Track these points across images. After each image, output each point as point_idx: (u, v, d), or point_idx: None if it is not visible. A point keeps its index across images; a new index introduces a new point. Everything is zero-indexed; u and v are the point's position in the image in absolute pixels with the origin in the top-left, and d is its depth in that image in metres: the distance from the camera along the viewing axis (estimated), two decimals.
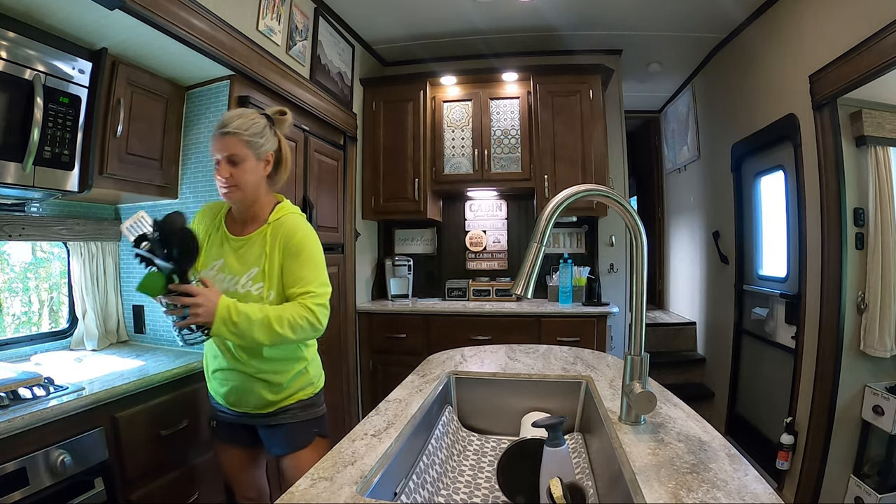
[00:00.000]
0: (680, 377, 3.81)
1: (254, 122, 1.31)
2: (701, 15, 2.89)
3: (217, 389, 1.40)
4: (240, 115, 1.32)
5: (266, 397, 1.35)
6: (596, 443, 1.07)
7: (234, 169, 1.29)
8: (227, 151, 1.29)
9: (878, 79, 1.91)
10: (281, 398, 1.37)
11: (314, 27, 2.59)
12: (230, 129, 1.28)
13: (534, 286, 0.90)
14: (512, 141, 3.15)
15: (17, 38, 1.36)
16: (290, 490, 0.72)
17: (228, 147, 1.29)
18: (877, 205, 2.13)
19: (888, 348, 2.09)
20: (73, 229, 1.88)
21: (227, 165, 1.29)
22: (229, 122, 1.29)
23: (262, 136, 1.32)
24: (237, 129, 1.28)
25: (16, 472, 1.14)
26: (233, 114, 1.33)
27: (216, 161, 1.31)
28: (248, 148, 1.30)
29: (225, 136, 1.28)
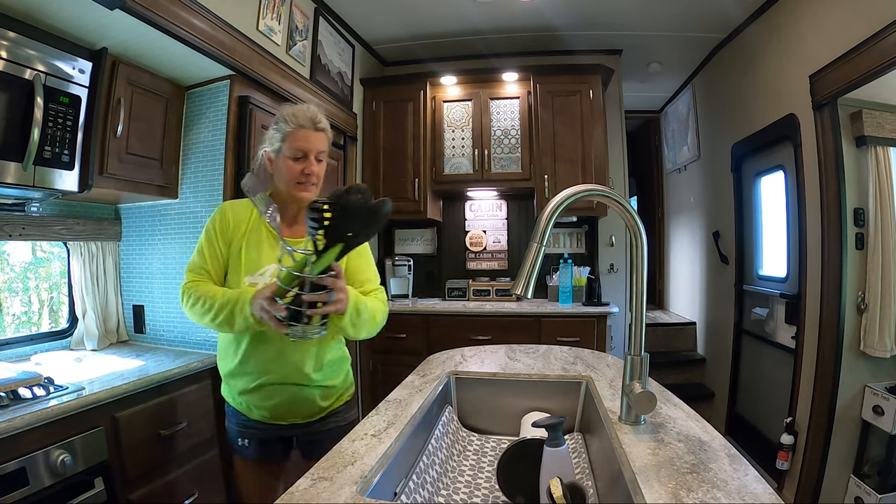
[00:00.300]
0: (680, 377, 3.81)
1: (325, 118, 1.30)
2: (701, 15, 2.89)
3: (260, 404, 1.28)
4: (319, 110, 1.29)
5: (320, 404, 1.30)
6: (596, 443, 1.07)
7: (318, 166, 1.27)
8: (320, 147, 1.26)
9: (878, 79, 1.91)
10: (331, 402, 1.33)
11: (314, 27, 2.59)
12: (323, 126, 1.26)
13: (534, 286, 0.90)
14: (512, 141, 3.15)
15: (18, 37, 1.36)
16: (290, 490, 0.72)
17: (321, 143, 1.26)
18: (877, 205, 2.13)
19: (888, 348, 2.09)
20: (73, 229, 1.88)
21: (314, 163, 1.26)
22: (320, 118, 1.27)
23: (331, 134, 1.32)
24: (326, 127, 1.27)
25: (16, 472, 1.14)
26: (313, 108, 1.28)
27: (300, 156, 1.24)
28: (328, 146, 1.30)
29: (320, 131, 1.26)
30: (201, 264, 1.29)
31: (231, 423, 1.35)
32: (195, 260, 1.31)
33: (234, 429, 1.34)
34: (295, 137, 1.23)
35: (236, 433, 1.34)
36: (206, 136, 1.98)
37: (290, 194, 1.27)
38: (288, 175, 1.25)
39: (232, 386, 1.31)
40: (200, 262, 1.30)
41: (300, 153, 1.24)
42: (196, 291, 1.24)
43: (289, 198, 1.29)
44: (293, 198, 1.28)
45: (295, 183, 1.25)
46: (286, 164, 1.25)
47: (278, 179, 1.29)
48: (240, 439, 1.33)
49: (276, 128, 1.26)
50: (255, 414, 1.29)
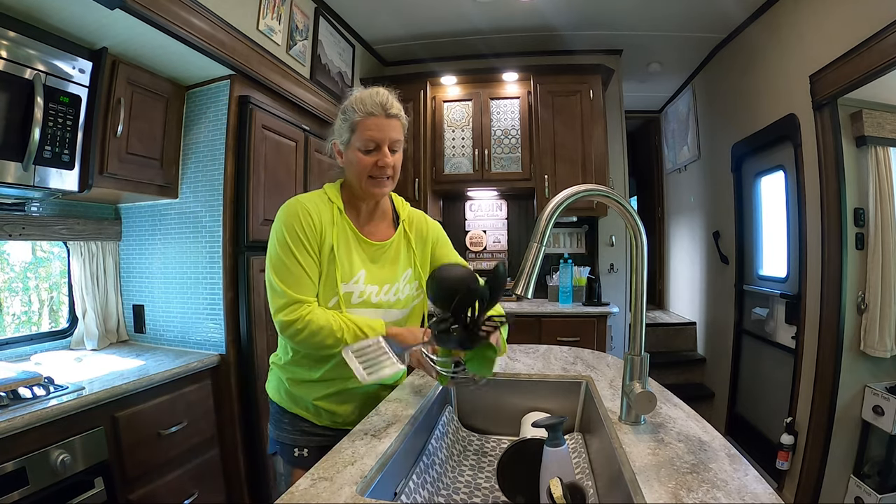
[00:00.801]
0: (680, 377, 3.81)
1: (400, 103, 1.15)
2: (701, 15, 2.89)
3: (332, 408, 1.18)
4: (390, 93, 1.13)
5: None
6: (596, 443, 1.07)
7: (393, 157, 1.14)
8: (394, 136, 1.12)
9: (878, 79, 1.91)
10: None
11: (314, 27, 2.59)
12: (396, 112, 1.12)
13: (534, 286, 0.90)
14: (512, 141, 3.15)
15: (18, 37, 1.36)
16: (290, 490, 0.72)
17: (394, 131, 1.12)
18: (877, 205, 2.13)
19: (888, 348, 2.09)
20: (73, 229, 1.88)
21: (388, 153, 1.12)
22: (391, 103, 1.12)
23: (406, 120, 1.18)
24: (399, 113, 1.13)
25: (16, 472, 1.14)
26: (383, 92, 1.13)
27: (372, 147, 1.11)
28: (403, 134, 1.15)
29: (392, 118, 1.12)
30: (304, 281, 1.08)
31: (285, 431, 1.20)
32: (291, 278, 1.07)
33: (291, 437, 1.20)
34: (364, 126, 1.10)
35: (293, 442, 1.19)
36: (206, 136, 1.98)
37: (364, 189, 1.14)
38: (359, 168, 1.12)
39: (304, 394, 1.18)
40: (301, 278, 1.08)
41: (371, 144, 1.11)
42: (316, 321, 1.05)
43: (362, 193, 1.16)
44: (367, 193, 1.15)
45: (367, 177, 1.12)
46: (357, 156, 1.12)
47: (350, 173, 1.16)
48: (297, 449, 1.19)
49: (344, 117, 1.14)
50: (323, 419, 1.19)
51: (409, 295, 1.22)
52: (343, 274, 1.12)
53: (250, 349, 1.94)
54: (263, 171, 2.05)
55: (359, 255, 1.15)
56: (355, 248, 1.15)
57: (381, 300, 1.16)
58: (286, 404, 1.21)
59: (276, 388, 1.23)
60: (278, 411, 1.22)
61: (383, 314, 1.17)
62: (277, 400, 1.23)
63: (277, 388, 1.23)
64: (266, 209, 2.05)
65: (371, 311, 1.15)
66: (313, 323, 1.04)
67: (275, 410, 1.24)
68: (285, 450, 1.20)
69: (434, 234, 1.29)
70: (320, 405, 1.17)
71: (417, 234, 1.25)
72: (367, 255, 1.17)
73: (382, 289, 1.16)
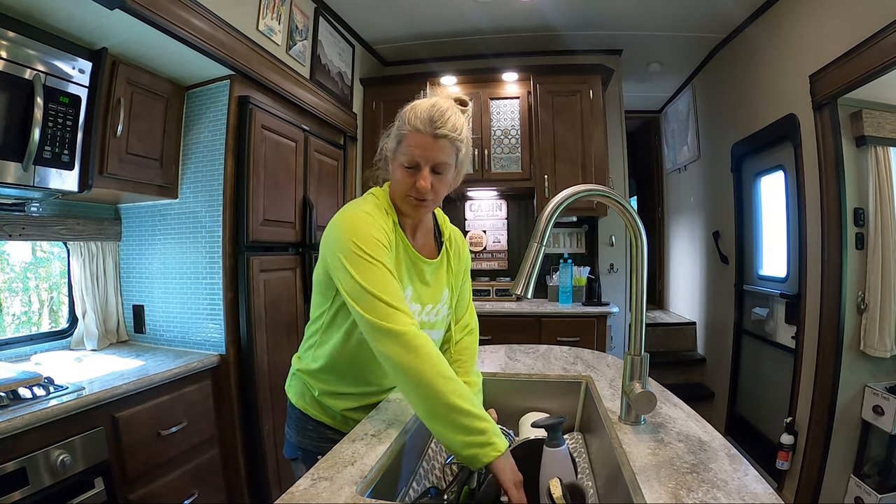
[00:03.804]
0: (680, 377, 3.81)
1: (462, 123, 1.03)
2: (701, 15, 2.89)
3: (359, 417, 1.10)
4: (448, 109, 1.02)
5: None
6: (596, 443, 1.07)
7: (436, 180, 1.02)
8: (437, 158, 1.00)
9: (878, 79, 1.91)
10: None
11: (314, 27, 2.59)
12: (446, 132, 0.99)
13: (534, 286, 0.90)
14: (512, 141, 3.14)
15: (17, 37, 1.36)
16: (290, 490, 0.72)
17: (441, 153, 1.00)
18: (877, 205, 2.13)
19: (888, 348, 2.09)
20: (73, 229, 1.88)
21: (432, 175, 1.01)
22: (444, 120, 1.00)
23: (465, 143, 1.05)
24: (452, 133, 1.00)
25: (16, 472, 1.14)
26: (441, 105, 1.01)
27: (413, 165, 1.00)
28: (455, 157, 1.03)
29: (440, 139, 0.99)
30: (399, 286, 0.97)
31: (309, 438, 1.15)
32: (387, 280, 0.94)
33: (315, 445, 1.14)
34: (409, 142, 1.00)
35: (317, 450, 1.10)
36: (206, 136, 1.98)
37: (400, 207, 1.07)
38: (398, 185, 1.04)
39: (334, 404, 1.13)
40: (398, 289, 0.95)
41: (412, 162, 1.00)
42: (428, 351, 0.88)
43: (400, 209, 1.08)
44: (403, 212, 1.07)
45: (404, 195, 1.03)
46: (399, 171, 1.03)
47: (392, 185, 1.09)
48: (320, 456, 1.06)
49: (398, 123, 1.05)
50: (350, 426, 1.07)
51: (444, 317, 1.17)
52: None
53: (250, 349, 1.93)
54: (263, 172, 2.05)
55: (408, 272, 1.08)
56: (406, 264, 1.07)
57: (423, 321, 1.10)
58: (311, 411, 1.15)
59: (301, 393, 1.16)
60: (301, 417, 1.16)
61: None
62: (301, 406, 1.16)
63: (302, 395, 1.16)
64: (266, 209, 2.05)
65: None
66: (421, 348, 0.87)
67: (297, 416, 1.17)
68: (308, 456, 1.12)
69: (466, 261, 1.25)
70: (350, 416, 1.12)
71: (456, 256, 1.20)
72: (416, 272, 1.09)
73: (425, 308, 1.11)
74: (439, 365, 0.87)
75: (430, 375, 0.85)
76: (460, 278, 1.23)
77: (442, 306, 1.15)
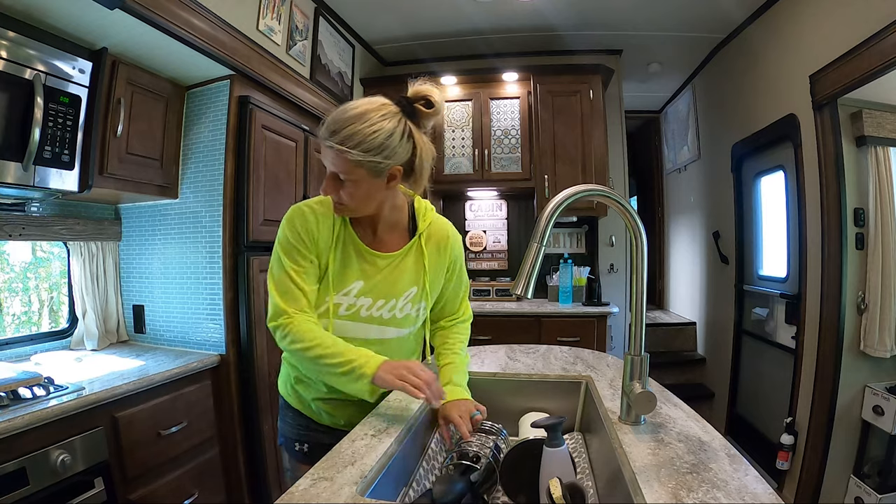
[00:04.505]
0: (680, 377, 3.81)
1: (374, 132, 0.93)
2: (701, 15, 2.89)
3: (333, 412, 1.15)
4: (356, 117, 0.94)
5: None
6: (596, 443, 1.07)
7: (342, 187, 0.98)
8: (331, 167, 0.97)
9: (878, 79, 1.91)
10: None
11: (314, 27, 2.59)
12: (331, 143, 0.94)
13: (534, 286, 0.90)
14: (512, 141, 3.15)
15: (17, 37, 1.36)
16: (290, 490, 0.72)
17: (331, 163, 0.97)
18: (877, 205, 2.13)
19: (888, 348, 2.09)
20: (73, 229, 1.88)
21: (332, 182, 0.98)
22: (337, 130, 0.94)
23: (379, 152, 0.94)
24: (343, 144, 0.93)
25: (16, 472, 1.14)
26: (350, 115, 0.95)
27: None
28: (358, 168, 0.95)
29: (327, 148, 0.95)
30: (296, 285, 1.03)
31: (289, 425, 1.19)
32: (285, 281, 1.03)
33: (293, 432, 1.18)
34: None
35: (296, 437, 1.18)
36: (206, 136, 1.98)
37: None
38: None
39: (305, 392, 1.16)
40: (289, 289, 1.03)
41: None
42: (295, 332, 1.00)
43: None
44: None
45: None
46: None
47: None
48: (298, 444, 1.17)
49: None
50: (324, 419, 1.16)
51: (410, 315, 1.13)
52: (335, 283, 1.06)
53: (250, 349, 1.93)
54: (263, 171, 2.05)
55: (358, 265, 1.08)
56: (355, 258, 1.08)
57: (373, 315, 1.09)
58: (291, 399, 1.20)
59: (284, 381, 1.21)
60: (284, 405, 1.22)
61: (377, 331, 1.10)
62: (284, 394, 1.22)
63: (285, 383, 1.21)
64: (266, 209, 2.05)
65: (361, 325, 1.09)
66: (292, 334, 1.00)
67: (282, 404, 1.23)
68: (288, 444, 1.19)
69: (453, 256, 1.18)
70: (321, 406, 1.15)
71: (434, 252, 1.14)
72: (366, 266, 1.08)
73: (377, 303, 1.08)
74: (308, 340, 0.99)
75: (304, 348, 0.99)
76: (443, 275, 1.18)
77: (405, 303, 1.11)
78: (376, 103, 0.97)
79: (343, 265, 1.07)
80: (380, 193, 1.03)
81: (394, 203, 1.10)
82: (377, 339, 1.10)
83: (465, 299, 1.29)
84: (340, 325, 1.08)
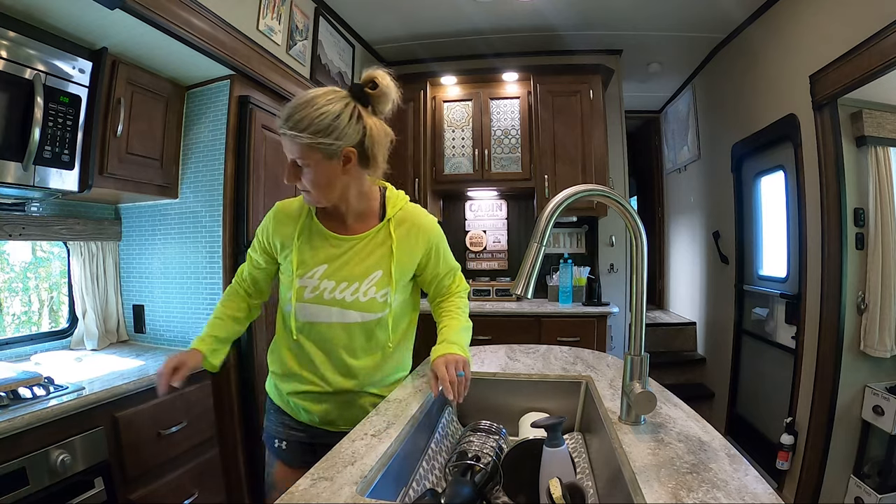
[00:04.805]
0: (680, 377, 3.81)
1: (319, 114, 0.98)
2: (701, 15, 2.89)
3: (310, 408, 1.17)
4: (305, 103, 1.00)
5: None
6: (596, 443, 1.07)
7: (302, 174, 1.05)
8: (290, 154, 1.04)
9: (878, 79, 1.91)
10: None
11: (314, 27, 2.59)
12: (285, 130, 1.00)
13: (534, 286, 0.90)
14: (512, 141, 3.15)
15: (17, 37, 1.36)
16: (290, 490, 0.72)
17: (289, 150, 1.03)
18: (877, 205, 2.13)
19: (888, 348, 2.09)
20: (73, 229, 1.88)
21: (292, 169, 1.05)
22: (289, 117, 1.00)
23: (328, 133, 0.99)
24: (295, 129, 0.99)
25: (16, 472, 1.14)
26: (300, 101, 1.01)
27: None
28: (312, 151, 1.00)
29: (283, 136, 1.02)
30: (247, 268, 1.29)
31: (271, 422, 1.23)
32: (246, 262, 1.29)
33: (273, 428, 1.22)
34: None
35: (275, 433, 1.22)
36: (206, 136, 1.98)
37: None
38: None
39: (282, 387, 1.19)
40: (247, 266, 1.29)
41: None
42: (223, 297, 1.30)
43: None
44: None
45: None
46: None
47: None
48: (277, 440, 1.21)
49: None
50: (302, 416, 1.18)
51: (375, 300, 1.12)
52: (300, 268, 1.12)
53: (250, 349, 1.93)
54: (263, 171, 2.05)
55: (323, 250, 1.13)
56: (320, 243, 1.13)
57: (336, 298, 1.11)
58: (273, 396, 1.24)
59: (269, 378, 1.27)
60: (268, 401, 1.27)
61: (339, 314, 1.11)
62: (268, 390, 1.27)
63: (270, 379, 1.26)
64: (266, 209, 2.04)
65: (324, 307, 1.11)
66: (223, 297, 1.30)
67: (267, 401, 1.28)
68: (269, 439, 1.24)
69: (428, 240, 1.18)
70: (297, 402, 1.17)
71: (405, 237, 1.15)
72: (332, 250, 1.12)
73: (339, 286, 1.11)
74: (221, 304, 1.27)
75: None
76: (414, 261, 1.18)
77: (367, 287, 1.11)
78: (324, 90, 1.04)
79: (307, 251, 1.13)
80: (338, 178, 1.06)
81: (360, 191, 1.13)
82: (339, 322, 1.12)
83: (456, 277, 1.32)
84: (306, 308, 1.13)
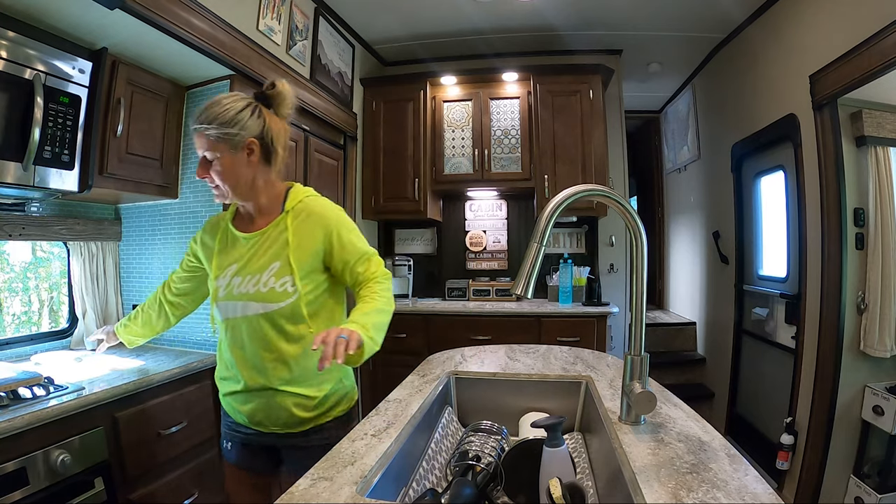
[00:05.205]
0: (680, 377, 3.81)
1: (224, 109, 1.11)
2: (701, 15, 2.89)
3: (239, 407, 1.22)
4: (213, 103, 1.13)
5: (298, 415, 1.17)
6: (596, 443, 1.07)
7: (211, 168, 1.14)
8: (199, 150, 1.14)
9: (878, 79, 1.91)
10: (315, 415, 1.19)
11: (314, 27, 2.59)
12: (195, 126, 1.12)
13: (534, 286, 0.90)
14: (512, 141, 3.15)
15: (17, 37, 1.36)
16: (290, 490, 0.72)
17: (199, 145, 1.14)
18: (877, 205, 2.13)
19: (888, 348, 2.09)
20: (73, 229, 1.88)
21: (203, 165, 1.15)
22: (199, 114, 1.12)
23: (233, 125, 1.11)
24: (201, 124, 1.11)
25: (16, 472, 1.14)
26: (209, 102, 1.14)
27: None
28: (219, 143, 1.12)
29: (194, 132, 1.13)
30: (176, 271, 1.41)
31: (222, 423, 1.31)
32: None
33: (223, 430, 1.31)
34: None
35: (223, 434, 1.31)
36: None
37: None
38: None
39: (220, 388, 1.27)
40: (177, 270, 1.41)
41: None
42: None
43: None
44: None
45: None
46: None
47: None
48: (224, 441, 1.30)
49: None
50: (238, 417, 1.24)
51: (275, 290, 1.15)
52: (216, 271, 1.22)
53: None
54: None
55: (236, 251, 1.22)
56: (233, 246, 1.23)
57: (242, 291, 1.17)
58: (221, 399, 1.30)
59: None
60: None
61: (242, 306, 1.17)
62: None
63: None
64: None
65: (232, 303, 1.18)
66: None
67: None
68: (221, 440, 1.32)
69: (325, 226, 1.19)
70: (229, 402, 1.24)
71: (301, 225, 1.19)
72: (243, 249, 1.21)
73: (245, 279, 1.17)
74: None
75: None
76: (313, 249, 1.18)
77: (269, 277, 1.16)
78: (231, 94, 1.18)
79: (223, 254, 1.24)
80: (244, 169, 1.16)
81: (265, 184, 1.21)
82: (242, 315, 1.17)
83: (371, 263, 1.22)
84: (220, 307, 1.21)
